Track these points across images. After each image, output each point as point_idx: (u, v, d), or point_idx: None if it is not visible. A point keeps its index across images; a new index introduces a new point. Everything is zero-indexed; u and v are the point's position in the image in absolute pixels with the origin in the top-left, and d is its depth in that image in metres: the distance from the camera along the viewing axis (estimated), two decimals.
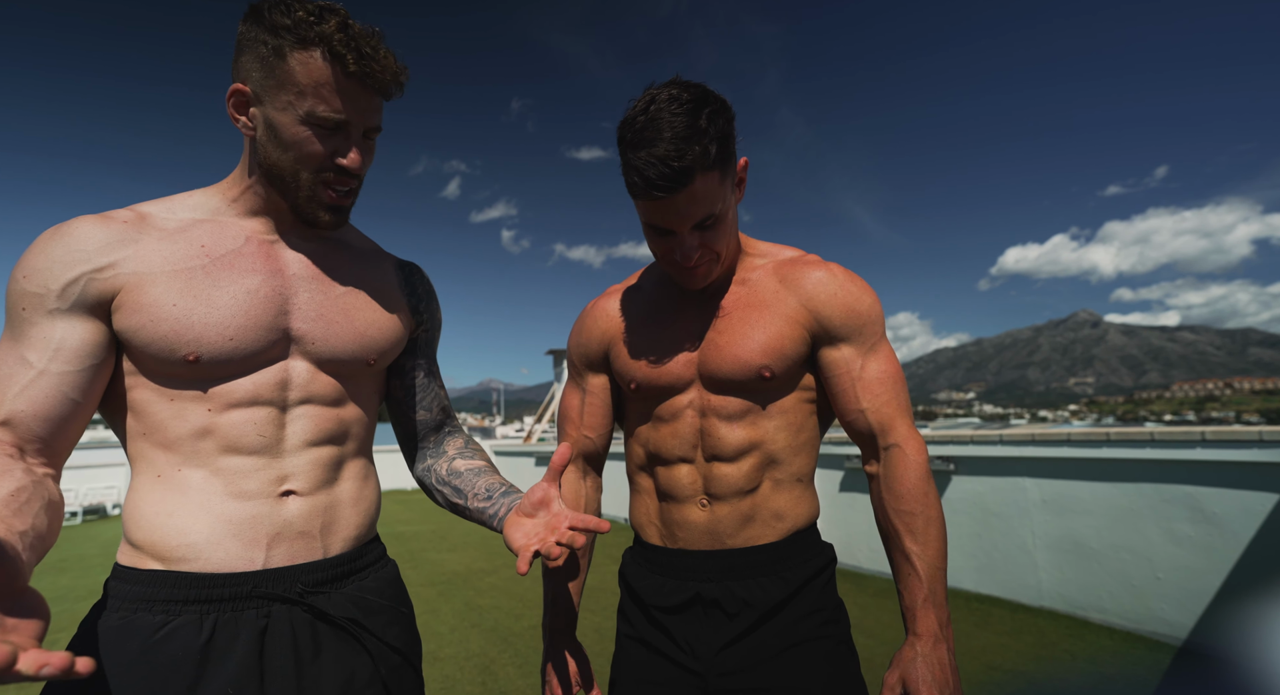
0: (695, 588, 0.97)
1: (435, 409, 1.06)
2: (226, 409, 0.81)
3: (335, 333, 0.88)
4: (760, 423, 0.98)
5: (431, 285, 1.08)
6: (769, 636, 0.94)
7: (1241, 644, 2.90)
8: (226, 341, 0.79)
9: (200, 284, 0.80)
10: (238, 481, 0.80)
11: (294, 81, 0.78)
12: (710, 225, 0.93)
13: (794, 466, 0.99)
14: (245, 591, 0.77)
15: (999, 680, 2.87)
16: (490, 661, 3.33)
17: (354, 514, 0.89)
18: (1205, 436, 3.20)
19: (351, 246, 0.98)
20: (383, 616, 0.88)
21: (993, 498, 4.12)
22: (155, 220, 0.83)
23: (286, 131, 0.80)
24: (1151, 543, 3.36)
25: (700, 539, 0.99)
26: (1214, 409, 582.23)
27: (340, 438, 0.89)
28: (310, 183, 0.84)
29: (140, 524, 0.78)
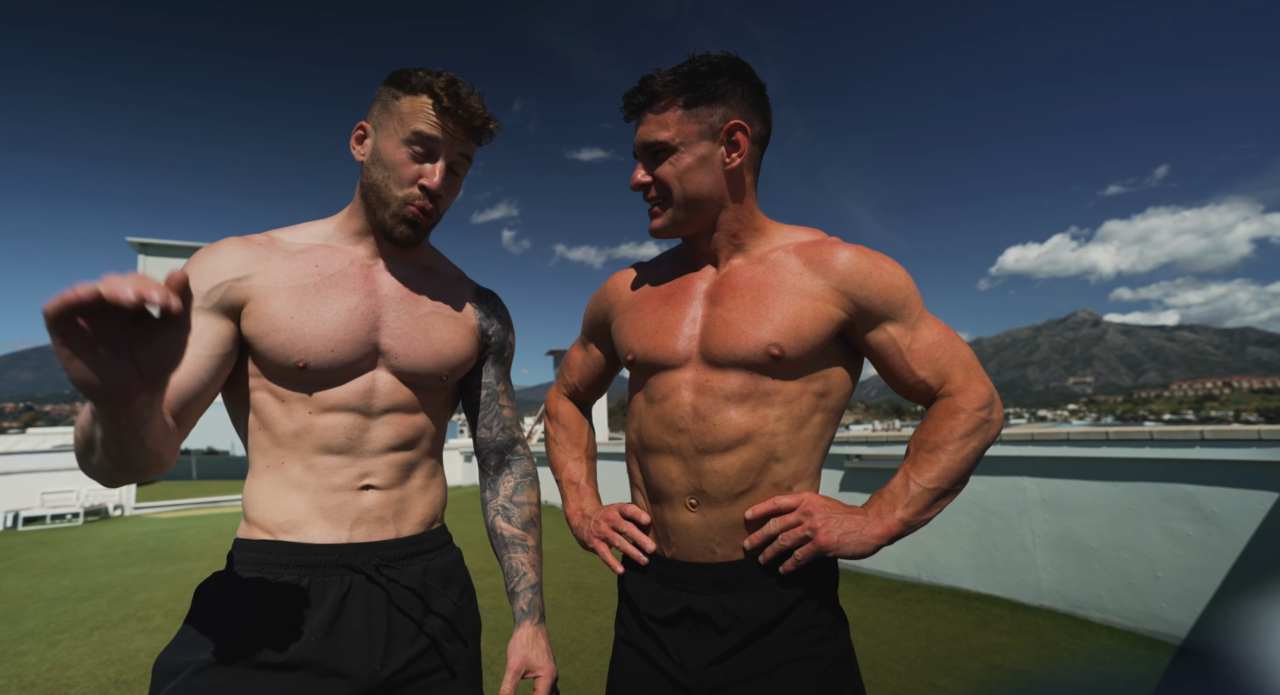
0: (687, 599, 0.95)
1: (496, 428, 1.15)
2: (323, 412, 0.94)
3: (416, 349, 1.00)
4: (760, 409, 0.93)
5: (505, 311, 1.19)
6: (759, 654, 0.90)
7: (1241, 643, 2.91)
8: (329, 352, 0.93)
9: (312, 300, 0.94)
10: (328, 476, 0.94)
11: (400, 114, 0.95)
12: (661, 157, 0.98)
13: (793, 466, 0.94)
14: (334, 560, 0.91)
15: (999, 679, 2.88)
16: (491, 661, 3.34)
17: (421, 504, 1.02)
18: (1204, 435, 3.21)
19: (438, 272, 1.11)
20: (451, 588, 1.01)
21: (992, 497, 4.13)
22: (282, 243, 0.99)
23: (387, 153, 0.96)
24: (1151, 542, 3.36)
25: (691, 547, 0.96)
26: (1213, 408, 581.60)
27: (414, 442, 1.01)
28: (398, 200, 0.97)
29: (254, 503, 0.94)
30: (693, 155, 0.96)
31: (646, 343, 1.02)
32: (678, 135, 0.96)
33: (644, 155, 1.00)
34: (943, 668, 3.00)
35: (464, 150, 0.99)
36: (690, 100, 0.95)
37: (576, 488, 1.18)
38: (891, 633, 3.51)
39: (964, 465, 0.91)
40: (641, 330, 1.04)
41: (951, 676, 2.90)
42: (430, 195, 0.97)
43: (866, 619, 3.76)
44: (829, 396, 0.97)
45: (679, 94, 0.95)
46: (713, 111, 0.96)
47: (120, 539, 8.26)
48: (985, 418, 0.92)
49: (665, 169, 0.98)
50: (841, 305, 0.94)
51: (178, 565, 6.23)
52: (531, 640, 1.02)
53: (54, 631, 4.05)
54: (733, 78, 0.96)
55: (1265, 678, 2.50)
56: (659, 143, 0.97)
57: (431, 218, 1.00)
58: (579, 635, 3.69)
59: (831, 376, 0.97)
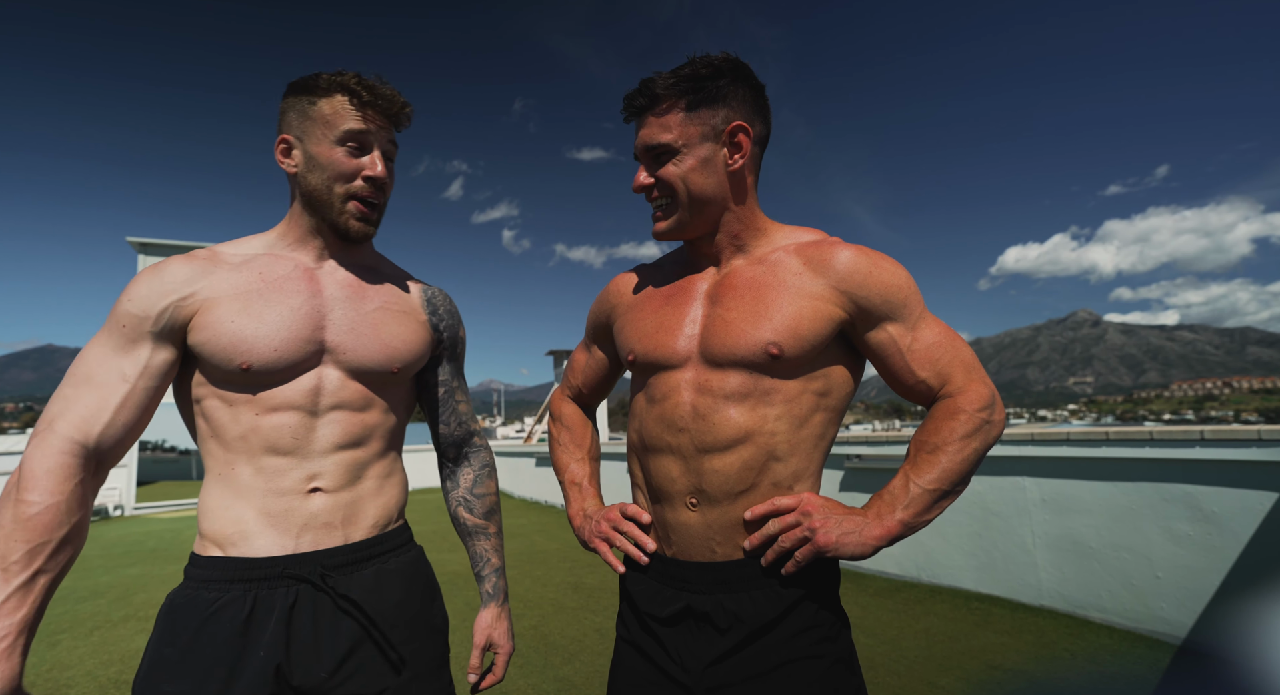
0: (687, 599, 0.95)
1: (454, 424, 1.18)
2: (268, 412, 0.95)
3: (364, 343, 1.01)
4: (759, 408, 0.93)
5: (454, 306, 1.20)
6: (759, 654, 0.91)
7: (1241, 643, 2.91)
8: (272, 352, 0.94)
9: (255, 305, 0.96)
10: (275, 479, 0.94)
11: (323, 117, 0.98)
12: (663, 159, 0.98)
13: (794, 465, 0.94)
14: (278, 572, 0.92)
15: (999, 679, 2.88)
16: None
17: (375, 507, 1.02)
18: (1204, 435, 3.20)
19: (382, 273, 1.13)
20: (400, 592, 1.01)
21: (992, 497, 4.13)
22: (225, 256, 1.01)
23: (322, 157, 0.99)
24: (1151, 542, 3.36)
25: (691, 547, 0.96)
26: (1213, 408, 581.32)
27: (365, 441, 1.02)
28: (342, 196, 1.00)
29: (206, 514, 0.95)
30: (695, 157, 0.97)
31: (647, 343, 1.03)
32: (680, 137, 0.96)
33: (646, 158, 1.00)
34: (943, 668, 3.00)
35: (390, 138, 1.04)
36: (692, 102, 0.96)
37: (579, 488, 1.19)
38: (891, 633, 3.51)
39: (965, 466, 0.90)
40: (642, 331, 1.04)
41: (951, 676, 2.90)
42: (377, 184, 1.02)
43: (866, 619, 3.76)
44: (830, 396, 0.97)
45: (681, 96, 0.96)
46: (715, 113, 0.96)
47: (120, 539, 8.26)
48: (986, 419, 0.92)
49: (669, 171, 0.98)
50: (841, 305, 0.94)
51: (178, 565, 6.23)
52: (495, 619, 1.11)
53: (54, 631, 4.05)
54: (733, 79, 0.97)
55: (1265, 678, 2.50)
56: (662, 145, 0.97)
57: (380, 210, 1.06)
58: (579, 635, 3.69)
59: (832, 376, 0.97)
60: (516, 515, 9.37)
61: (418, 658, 0.99)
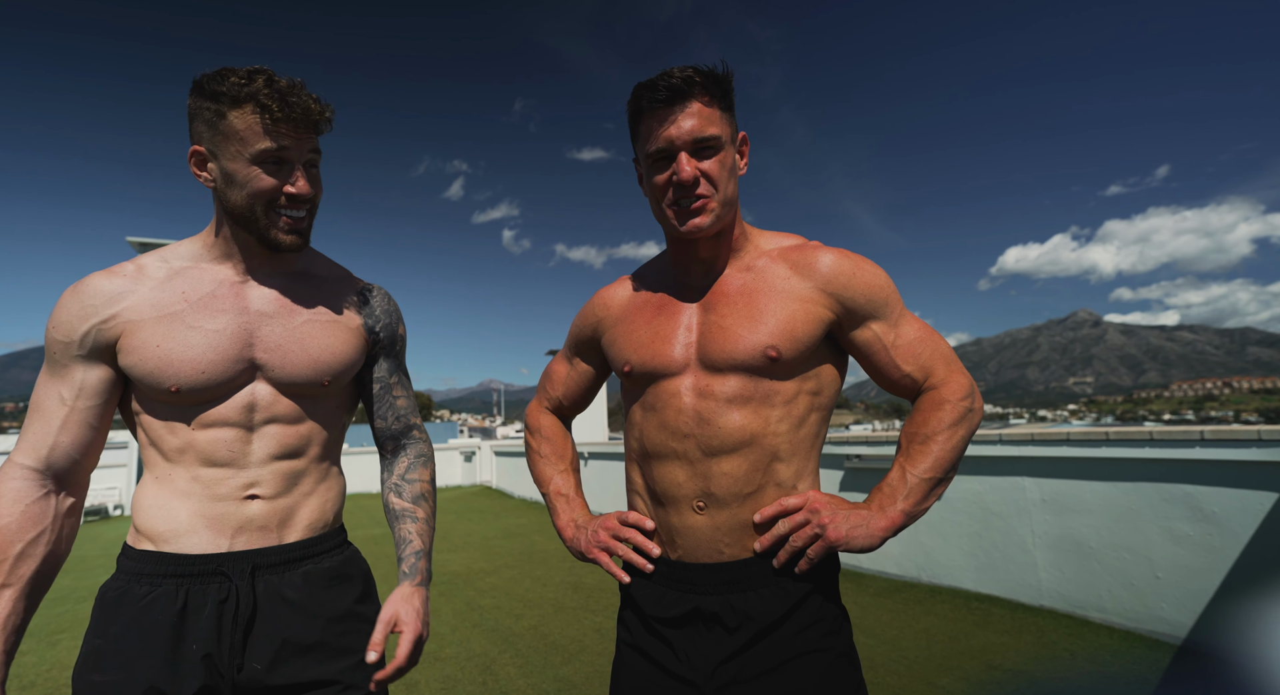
0: (695, 601, 0.96)
1: (391, 418, 1.19)
2: (203, 428, 0.97)
3: (292, 361, 1.02)
4: (761, 410, 0.96)
5: (392, 304, 1.21)
6: (768, 650, 0.92)
7: (1241, 643, 2.91)
8: (199, 375, 0.95)
9: (178, 328, 0.96)
10: (212, 487, 0.97)
11: (236, 133, 0.93)
12: (709, 153, 0.96)
13: (795, 464, 0.97)
14: (211, 569, 0.94)
15: (999, 679, 2.88)
16: (491, 661, 3.34)
17: (310, 511, 1.04)
18: (1204, 436, 3.20)
19: (316, 276, 1.11)
20: (332, 588, 1.03)
21: (992, 497, 4.13)
22: (149, 270, 1.01)
23: (239, 175, 0.95)
24: (1151, 542, 3.36)
25: (699, 549, 0.97)
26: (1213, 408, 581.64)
27: (301, 450, 1.03)
28: (265, 213, 0.98)
29: (141, 512, 0.98)
30: (730, 155, 0.99)
31: (643, 353, 1.04)
32: (723, 132, 0.97)
33: (690, 148, 0.96)
34: (943, 668, 3.00)
35: (311, 147, 0.99)
36: (725, 104, 0.99)
37: (566, 499, 1.17)
38: (891, 633, 3.51)
39: (954, 454, 0.95)
40: (637, 341, 1.05)
41: (951, 676, 2.90)
42: (300, 200, 0.99)
43: (866, 619, 3.76)
44: (821, 395, 1.01)
45: (719, 96, 0.97)
46: (733, 118, 1.01)
47: (120, 539, 8.25)
48: (969, 406, 0.97)
49: (713, 165, 0.97)
50: (829, 306, 0.98)
51: None
52: (405, 598, 1.03)
53: (54, 631, 4.06)
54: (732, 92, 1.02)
55: (1265, 678, 2.50)
56: (713, 138, 0.96)
57: (308, 219, 1.03)
58: (579, 635, 3.69)
59: (823, 375, 1.01)
60: (516, 515, 9.37)
61: (352, 648, 1.01)
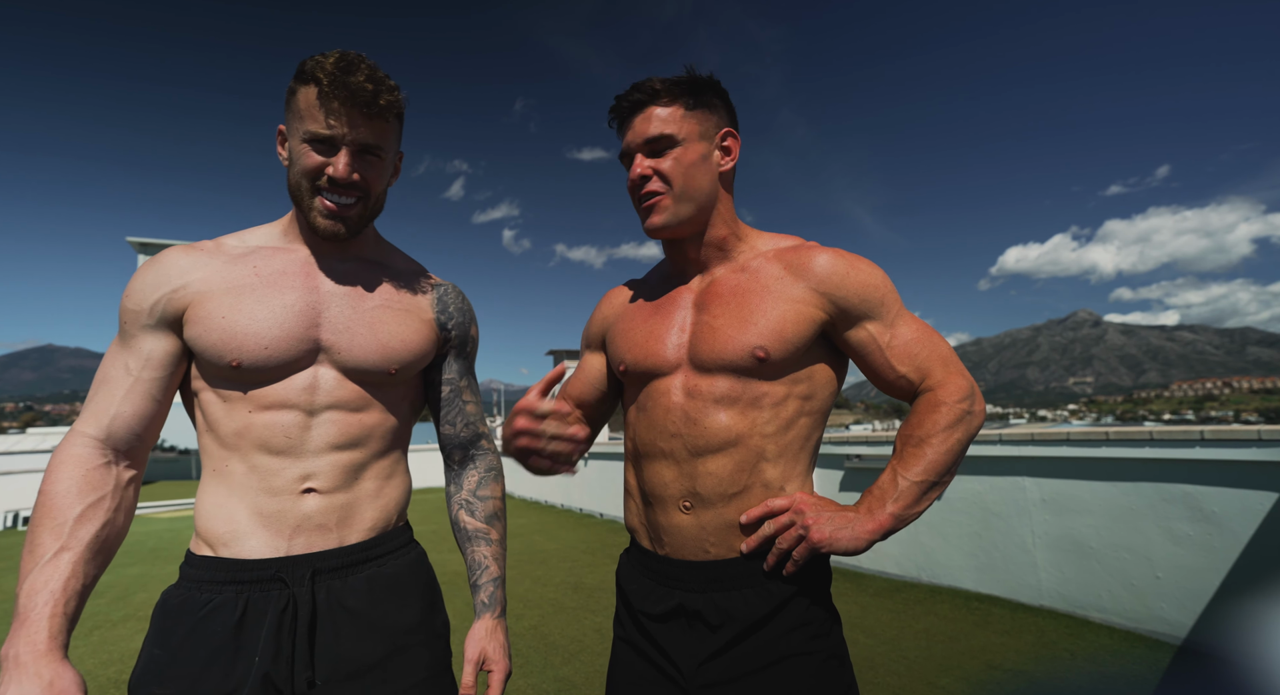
0: (679, 597, 0.96)
1: (460, 424, 1.13)
2: (261, 410, 0.93)
3: (359, 343, 0.98)
4: (749, 412, 0.96)
5: (467, 303, 1.16)
6: (752, 651, 0.92)
7: (1241, 643, 2.91)
8: (263, 349, 0.92)
9: (246, 300, 0.94)
10: (268, 478, 0.92)
11: (297, 111, 0.93)
12: (661, 150, 1.00)
13: (783, 466, 0.96)
14: (271, 574, 0.90)
15: (999, 680, 2.88)
16: None
17: (373, 509, 0.99)
18: (1204, 435, 3.21)
19: (389, 267, 1.09)
20: (397, 597, 0.97)
21: (992, 497, 4.13)
22: (226, 248, 1.00)
23: (295, 152, 0.95)
24: (1151, 542, 3.36)
25: (684, 547, 0.97)
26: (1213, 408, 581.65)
27: (362, 441, 0.98)
28: (310, 192, 0.95)
29: (201, 513, 0.94)
30: (694, 152, 1.00)
31: (637, 352, 1.05)
32: (681, 130, 0.99)
33: (644, 149, 1.01)
34: (943, 668, 3.00)
35: (365, 131, 0.93)
36: (689, 103, 1.00)
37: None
38: (891, 633, 3.51)
39: (949, 458, 0.92)
40: (632, 341, 1.07)
41: (951, 676, 2.90)
42: (340, 185, 0.94)
43: (866, 619, 3.76)
44: (813, 400, 1.00)
45: (680, 96, 1.00)
46: (708, 117, 1.02)
47: None
48: (967, 409, 0.94)
49: (668, 162, 1.00)
50: (822, 307, 0.97)
51: (177, 565, 6.23)
52: (490, 633, 1.00)
53: None
54: (720, 96, 1.04)
55: (1265, 678, 2.50)
56: (665, 135, 0.99)
57: (356, 208, 0.97)
58: (579, 635, 3.69)
59: (816, 378, 1.00)
60: (516, 515, 9.37)
61: (415, 665, 0.96)
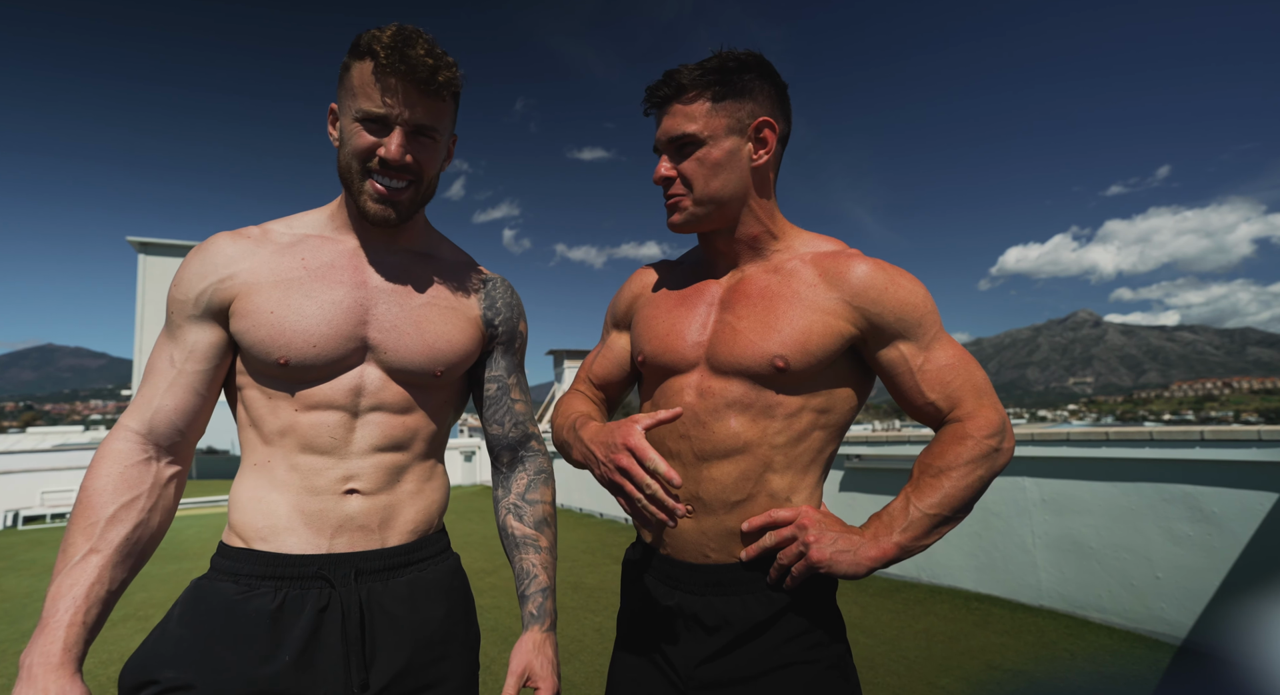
0: (679, 598, 0.95)
1: (508, 424, 1.08)
2: (307, 410, 0.90)
3: (406, 344, 0.94)
4: (760, 420, 0.92)
5: (516, 298, 1.12)
6: (749, 657, 0.90)
7: (1241, 643, 2.91)
8: (311, 348, 0.88)
9: (295, 295, 0.90)
10: (311, 478, 0.89)
11: (351, 87, 0.88)
12: (687, 151, 0.96)
13: (790, 478, 0.93)
14: (311, 571, 0.87)
15: (999, 680, 2.88)
16: (491, 661, 3.34)
17: (413, 511, 0.96)
18: (1204, 436, 3.21)
19: (438, 259, 1.05)
20: (436, 605, 0.94)
21: (992, 497, 4.12)
22: (274, 235, 0.95)
23: (346, 131, 0.90)
24: (1151, 542, 3.36)
25: (685, 550, 0.95)
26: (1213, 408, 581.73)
27: (406, 444, 0.96)
28: (360, 174, 0.91)
29: (238, 505, 0.90)
30: (720, 150, 0.95)
31: (657, 345, 1.02)
32: (706, 128, 0.94)
33: (669, 149, 0.97)
34: (943, 668, 3.00)
35: (421, 110, 0.89)
36: (718, 94, 0.94)
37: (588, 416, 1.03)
38: (891, 633, 3.51)
39: (968, 493, 0.87)
40: (654, 332, 1.03)
41: (951, 676, 2.90)
42: (391, 167, 0.90)
43: (866, 619, 3.76)
44: (830, 414, 0.95)
45: (707, 87, 0.94)
46: (741, 107, 0.95)
47: None
48: (995, 446, 0.88)
49: (691, 164, 0.96)
50: (853, 320, 0.92)
51: (177, 565, 6.24)
52: (538, 647, 0.94)
53: None
54: (759, 75, 0.95)
55: (1265, 678, 2.50)
56: (687, 135, 0.94)
57: (408, 193, 0.93)
58: (579, 635, 3.69)
59: (836, 394, 0.95)
60: None
61: (452, 674, 0.93)
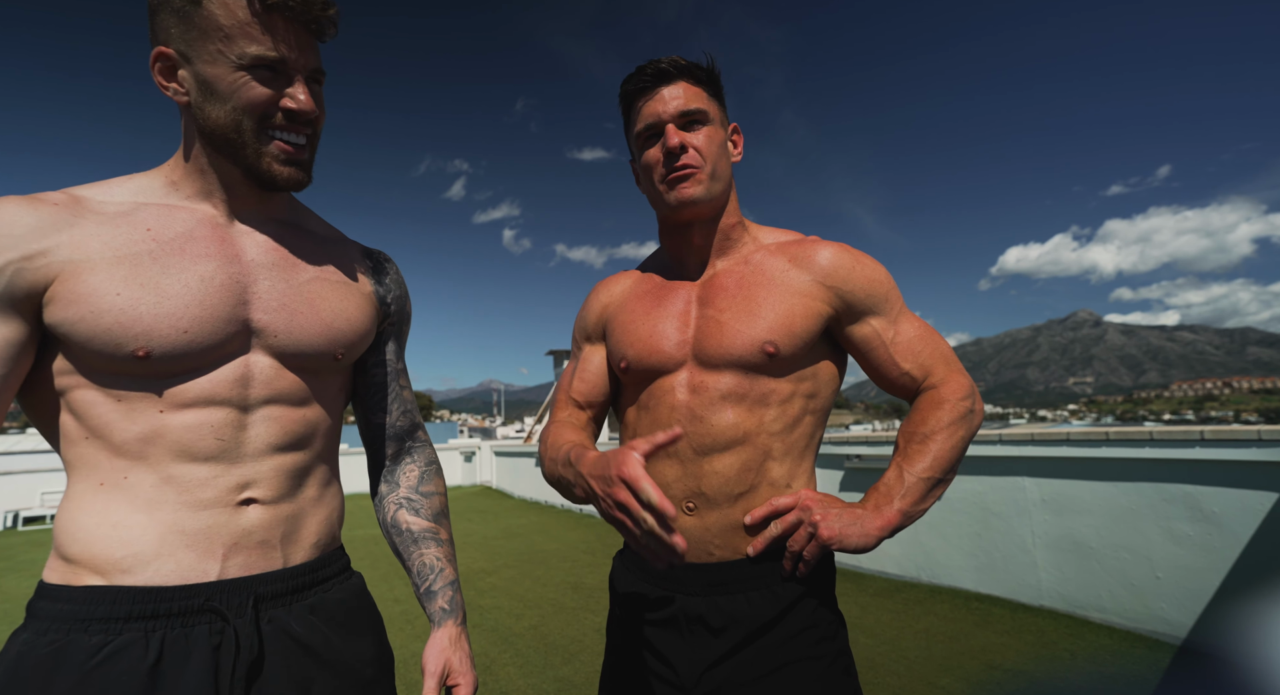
0: (681, 602, 0.93)
1: (396, 412, 0.97)
2: (179, 409, 0.73)
3: (300, 324, 0.81)
4: (756, 409, 0.94)
5: (401, 275, 1.01)
6: (757, 656, 0.89)
7: (1241, 643, 2.91)
8: (180, 334, 0.72)
9: (148, 271, 0.72)
10: (193, 490, 0.73)
11: (217, 26, 0.72)
12: (696, 125, 0.99)
13: (789, 465, 0.95)
14: (197, 604, 0.70)
15: (999, 680, 2.88)
16: (491, 661, 3.34)
17: (317, 522, 0.84)
18: (1204, 436, 3.21)
19: (313, 232, 0.91)
20: (348, 629, 0.82)
21: (992, 497, 4.13)
22: (92, 203, 0.75)
23: (222, 82, 0.73)
24: (1151, 542, 3.36)
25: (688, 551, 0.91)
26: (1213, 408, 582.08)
27: (307, 441, 0.83)
28: (255, 133, 0.76)
29: (77, 536, 0.70)
30: (720, 134, 1.01)
31: (639, 347, 1.02)
32: (711, 110, 1.00)
33: (679, 121, 0.98)
34: (943, 668, 3.00)
35: (313, 53, 0.78)
36: (711, 90, 1.02)
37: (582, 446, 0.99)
38: (891, 633, 3.51)
39: (954, 453, 0.92)
40: (634, 336, 1.03)
41: (951, 676, 2.90)
42: (300, 121, 0.78)
43: (866, 619, 3.76)
44: (817, 397, 0.99)
45: (705, 81, 1.01)
46: (722, 107, 1.04)
47: None
48: (969, 407, 0.95)
49: (701, 138, 0.99)
50: (827, 300, 0.96)
51: None
52: (454, 643, 0.87)
53: None
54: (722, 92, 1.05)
55: (1265, 678, 2.50)
56: (699, 111, 0.98)
57: (309, 150, 0.82)
58: (579, 635, 3.69)
59: (820, 375, 0.99)
60: (516, 515, 9.37)
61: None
